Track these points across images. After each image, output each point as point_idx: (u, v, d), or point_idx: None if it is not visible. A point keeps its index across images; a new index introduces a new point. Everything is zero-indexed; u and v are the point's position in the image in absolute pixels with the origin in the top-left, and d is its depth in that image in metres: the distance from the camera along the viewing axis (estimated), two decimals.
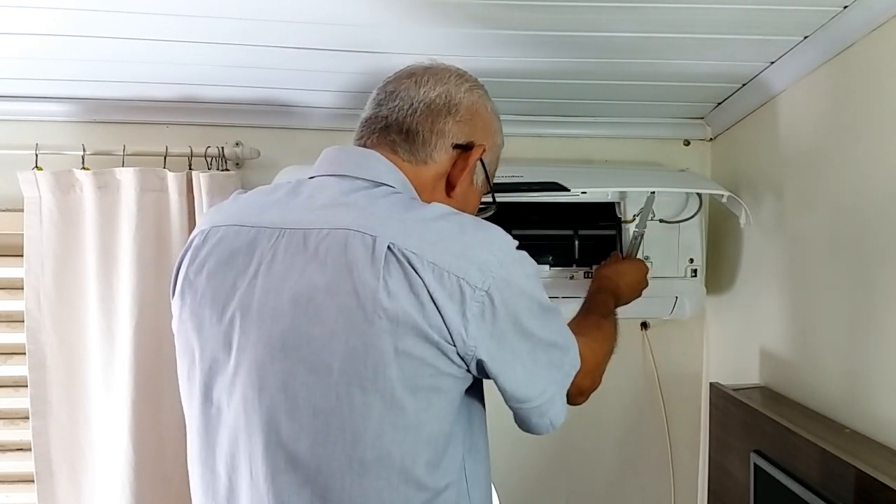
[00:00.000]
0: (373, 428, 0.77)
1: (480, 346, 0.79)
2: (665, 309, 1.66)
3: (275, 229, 0.84)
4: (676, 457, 1.86)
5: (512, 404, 0.88)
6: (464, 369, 0.81)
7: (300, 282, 0.79)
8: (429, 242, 0.78)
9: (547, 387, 0.88)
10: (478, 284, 0.78)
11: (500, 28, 1.24)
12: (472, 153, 0.94)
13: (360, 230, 0.79)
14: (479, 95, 0.97)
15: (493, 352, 0.81)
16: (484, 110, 0.97)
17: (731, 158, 1.72)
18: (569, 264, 1.61)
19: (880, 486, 0.95)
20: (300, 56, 1.36)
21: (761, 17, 1.18)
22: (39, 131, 1.62)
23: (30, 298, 1.59)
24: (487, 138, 0.96)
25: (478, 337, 0.79)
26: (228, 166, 1.66)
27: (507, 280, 0.80)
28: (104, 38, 1.29)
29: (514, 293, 0.81)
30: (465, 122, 0.93)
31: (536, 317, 0.85)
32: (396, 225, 0.80)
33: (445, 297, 0.77)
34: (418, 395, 0.78)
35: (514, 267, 0.82)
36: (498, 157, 1.03)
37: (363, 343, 0.76)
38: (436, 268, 0.77)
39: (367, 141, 0.93)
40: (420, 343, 0.77)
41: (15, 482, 1.77)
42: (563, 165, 1.76)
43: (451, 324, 0.77)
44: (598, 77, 1.49)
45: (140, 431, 1.58)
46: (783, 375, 1.45)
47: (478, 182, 0.98)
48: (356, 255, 0.78)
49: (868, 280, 1.16)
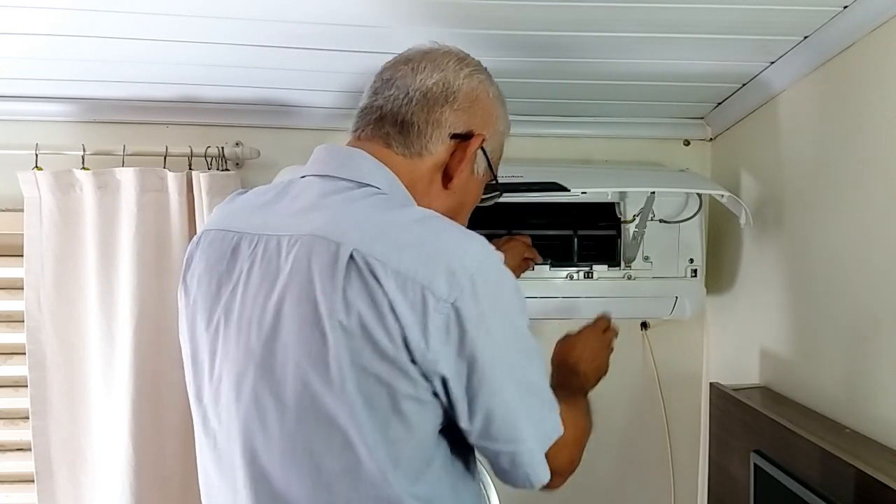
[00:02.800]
0: (337, 441, 0.73)
1: (443, 363, 0.73)
2: (665, 309, 1.66)
3: (255, 235, 0.82)
4: (676, 457, 1.86)
5: (478, 441, 0.79)
6: (429, 391, 0.74)
7: (271, 291, 0.77)
8: (396, 248, 0.73)
9: (524, 435, 0.78)
10: (443, 295, 0.72)
11: (499, 28, 1.24)
12: (471, 143, 0.88)
13: (325, 236, 0.75)
14: (480, 80, 0.92)
15: (460, 371, 0.74)
16: (485, 96, 0.91)
17: (731, 158, 1.72)
18: (569, 264, 1.61)
19: (880, 486, 0.95)
20: (300, 56, 1.36)
21: (761, 17, 1.18)
22: (39, 131, 1.62)
23: (30, 298, 1.59)
24: (488, 126, 0.91)
25: (440, 352, 0.72)
26: (228, 166, 1.66)
27: (478, 294, 0.73)
28: (104, 38, 1.29)
29: (487, 310, 0.74)
30: (463, 111, 0.89)
31: (511, 345, 0.77)
32: (366, 229, 0.75)
33: (407, 308, 0.71)
34: (376, 415, 0.73)
35: (489, 282, 0.75)
36: (502, 144, 0.97)
37: (322, 358, 0.72)
38: (399, 275, 0.72)
39: (362, 133, 0.89)
40: (377, 359, 0.72)
41: (15, 482, 1.77)
42: (563, 165, 1.75)
43: (410, 336, 0.71)
44: (598, 77, 1.49)
45: (140, 431, 1.58)
46: (783, 375, 1.45)
47: (479, 171, 0.92)
48: (318, 264, 0.74)
49: (868, 280, 1.16)
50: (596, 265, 1.61)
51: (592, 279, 1.61)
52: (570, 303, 1.61)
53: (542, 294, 1.60)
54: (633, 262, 1.62)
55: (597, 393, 1.87)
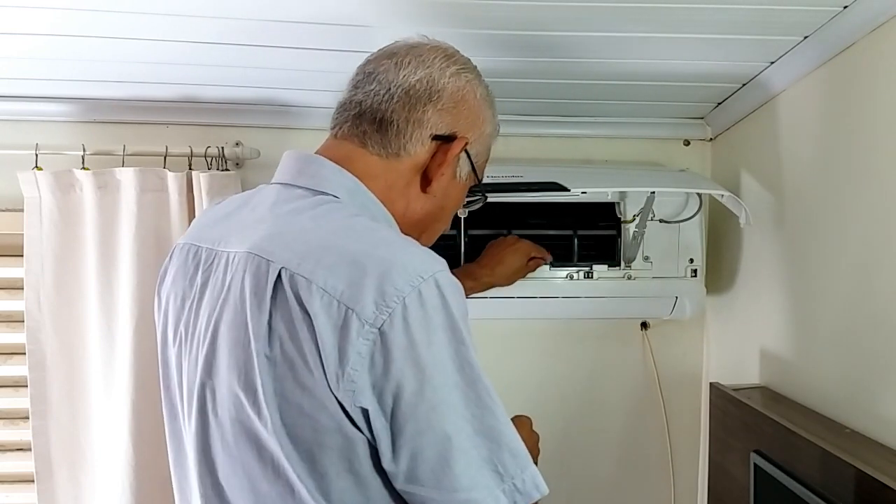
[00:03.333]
0: (270, 471, 0.69)
1: (363, 394, 0.65)
2: (665, 309, 1.67)
3: (212, 250, 0.80)
4: (676, 457, 1.86)
5: (404, 486, 0.68)
6: (352, 424, 0.67)
7: (214, 311, 0.74)
8: (326, 266, 0.67)
9: (466, 483, 0.66)
10: (368, 319, 0.64)
11: (499, 28, 1.24)
12: (454, 146, 0.83)
13: (259, 254, 0.71)
14: (468, 80, 0.86)
15: (383, 404, 0.66)
16: (471, 97, 0.86)
17: (731, 158, 1.72)
18: (569, 264, 1.61)
19: (880, 486, 0.95)
20: (300, 56, 1.36)
21: (761, 17, 1.18)
22: (39, 131, 1.62)
23: (30, 298, 1.59)
24: (473, 128, 0.86)
25: (360, 382, 0.65)
26: (228, 166, 1.66)
27: (409, 320, 0.65)
28: (104, 38, 1.29)
29: (421, 339, 0.65)
30: (447, 111, 0.84)
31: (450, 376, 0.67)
32: (298, 246, 0.70)
33: (329, 332, 0.65)
34: (302, 448, 0.68)
35: (427, 306, 0.66)
36: (489, 147, 0.92)
37: (251, 384, 0.68)
38: (325, 295, 0.66)
39: (339, 131, 0.85)
40: (299, 389, 0.66)
41: (15, 482, 1.77)
42: (563, 165, 1.75)
43: (328, 364, 0.65)
44: (598, 77, 1.48)
45: (140, 431, 1.58)
46: (783, 375, 1.45)
47: (461, 175, 0.87)
48: (250, 284, 0.70)
49: (868, 280, 1.16)
50: (596, 265, 1.61)
51: (592, 279, 1.61)
52: (571, 303, 1.61)
53: (542, 294, 1.60)
54: (633, 262, 1.62)
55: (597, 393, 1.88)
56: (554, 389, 1.83)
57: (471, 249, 1.59)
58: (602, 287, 1.62)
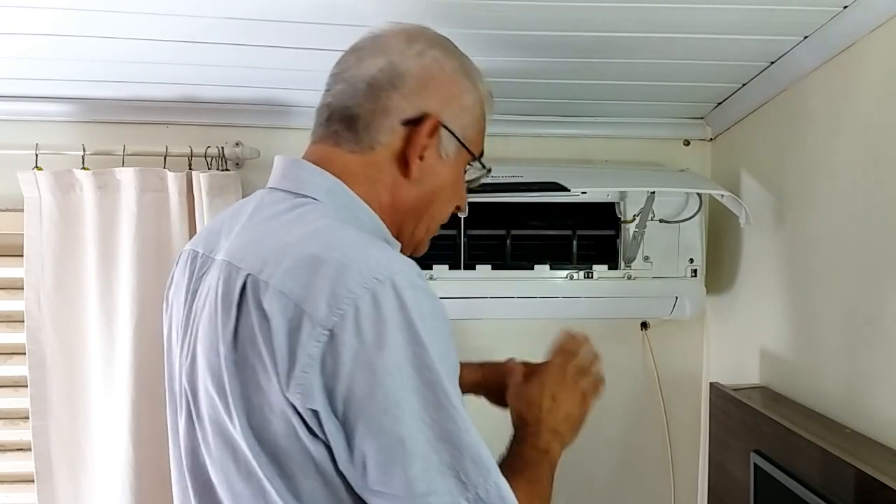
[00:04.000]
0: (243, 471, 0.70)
1: (312, 396, 0.64)
2: (665, 309, 1.67)
3: (206, 257, 0.81)
4: (676, 457, 1.86)
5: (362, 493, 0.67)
6: (306, 429, 0.66)
7: (197, 316, 0.77)
8: (285, 268, 0.67)
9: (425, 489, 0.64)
10: (320, 320, 0.63)
11: (499, 28, 1.24)
12: (423, 128, 0.80)
13: (231, 261, 0.73)
14: (434, 57, 0.83)
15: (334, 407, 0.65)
16: (440, 73, 0.83)
17: (731, 158, 1.72)
18: (568, 264, 1.61)
19: (880, 486, 0.95)
20: (300, 56, 1.36)
21: (761, 17, 1.18)
22: (39, 131, 1.62)
23: (30, 298, 1.59)
24: (448, 103, 0.83)
25: (310, 384, 0.64)
26: (228, 166, 1.66)
27: (361, 322, 0.63)
28: (104, 38, 1.29)
29: (373, 342, 0.64)
30: (414, 94, 0.81)
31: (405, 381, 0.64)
32: (264, 251, 0.71)
33: (282, 332, 0.65)
34: (267, 450, 0.68)
35: (382, 309, 0.64)
36: (477, 117, 0.87)
37: (222, 387, 0.69)
38: (282, 297, 0.66)
39: (315, 136, 0.85)
40: (259, 392, 0.67)
41: (15, 482, 1.77)
42: (563, 165, 1.76)
43: (280, 365, 0.64)
44: (598, 77, 1.49)
45: (140, 431, 1.58)
46: (783, 375, 1.45)
47: (448, 153, 0.84)
48: (222, 291, 0.72)
49: (868, 280, 1.16)
50: (596, 265, 1.61)
51: (592, 279, 1.61)
52: (571, 303, 1.61)
53: (542, 294, 1.60)
54: (632, 262, 1.62)
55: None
56: None
57: (470, 249, 1.59)
58: (602, 287, 1.62)
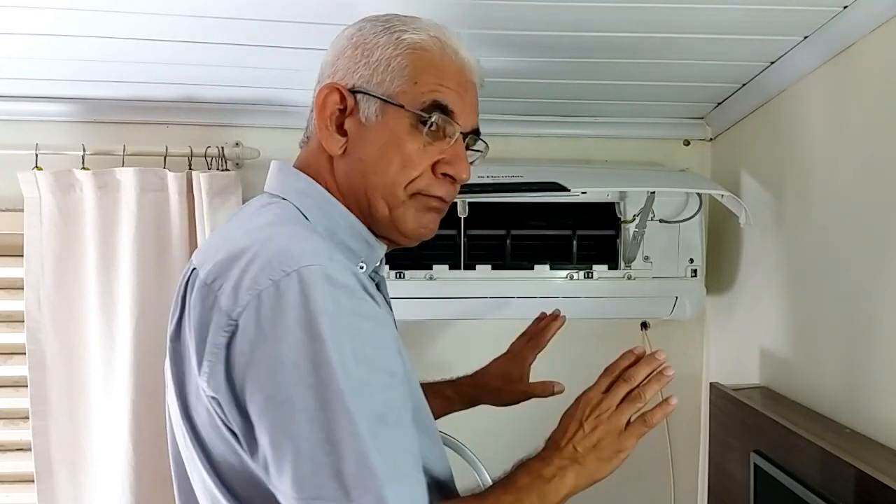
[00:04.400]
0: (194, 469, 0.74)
1: (216, 384, 0.65)
2: (665, 309, 1.67)
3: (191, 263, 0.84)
4: (676, 457, 1.86)
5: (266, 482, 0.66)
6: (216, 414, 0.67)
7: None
8: (214, 262, 0.69)
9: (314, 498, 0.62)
10: (227, 309, 0.64)
11: (499, 28, 1.24)
12: (317, 96, 0.79)
13: (193, 259, 0.75)
14: (355, 30, 0.80)
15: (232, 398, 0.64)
16: (345, 42, 0.80)
17: (731, 158, 1.72)
18: (568, 264, 1.61)
19: (880, 486, 0.95)
20: (300, 56, 1.36)
21: (761, 17, 1.18)
22: (39, 131, 1.62)
23: (30, 298, 1.59)
24: (354, 67, 0.78)
25: (214, 371, 0.64)
26: (228, 166, 1.65)
27: (261, 315, 0.62)
28: (104, 38, 1.29)
29: (270, 336, 0.62)
30: (328, 76, 0.81)
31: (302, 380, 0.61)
32: (211, 248, 0.74)
33: (199, 321, 0.66)
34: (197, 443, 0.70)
35: (284, 302, 0.62)
36: (400, 68, 0.78)
37: (169, 376, 0.74)
38: (203, 287, 0.67)
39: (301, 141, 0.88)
40: (189, 377, 0.68)
41: (15, 482, 1.77)
42: (563, 165, 1.76)
43: (197, 351, 0.66)
44: (598, 77, 1.49)
45: (140, 431, 1.58)
46: (783, 375, 1.45)
47: (369, 116, 0.77)
48: (180, 290, 0.75)
49: (868, 280, 1.16)
50: (596, 265, 1.61)
51: (592, 279, 1.61)
52: (571, 303, 1.61)
53: (542, 294, 1.60)
54: (632, 262, 1.62)
55: None
56: None
57: (470, 249, 1.58)
58: (602, 287, 1.62)
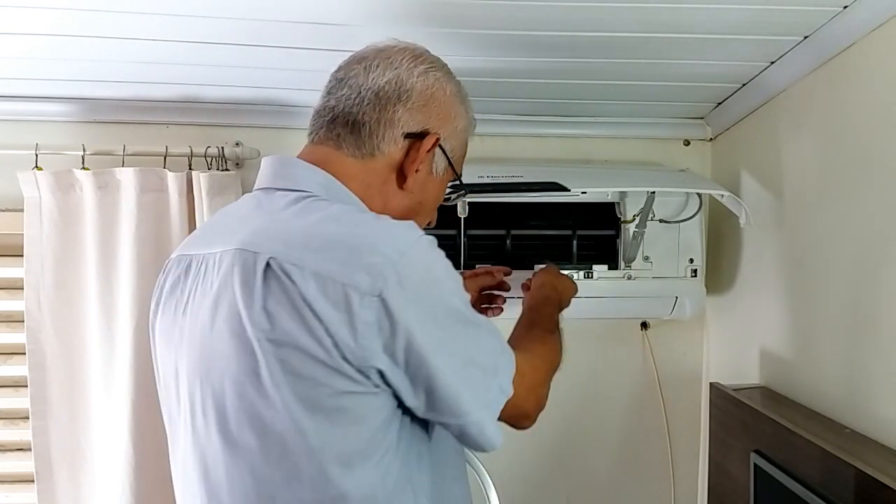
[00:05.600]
0: (276, 450, 0.74)
1: (376, 357, 0.72)
2: (665, 309, 1.67)
3: (199, 255, 0.83)
4: (676, 457, 1.86)
5: (426, 415, 0.79)
6: (369, 384, 0.73)
7: (206, 308, 0.78)
8: (313, 251, 0.73)
9: (467, 409, 0.77)
10: (366, 290, 0.71)
11: (499, 28, 1.24)
12: (425, 142, 0.86)
13: (246, 248, 0.76)
14: (437, 78, 0.89)
15: (396, 361, 0.73)
16: (441, 94, 0.89)
17: (731, 158, 1.72)
18: (568, 264, 1.61)
19: (880, 486, 0.95)
20: (300, 56, 1.36)
21: (761, 17, 1.18)
22: (39, 131, 1.62)
23: (30, 298, 1.59)
24: (445, 124, 0.89)
25: (371, 347, 0.71)
26: (228, 166, 1.66)
27: (404, 283, 0.72)
28: (104, 38, 1.29)
29: (416, 296, 0.73)
30: (417, 109, 0.86)
31: (445, 328, 0.76)
32: (284, 236, 0.75)
33: (330, 309, 0.70)
34: (317, 416, 0.73)
35: (416, 267, 0.74)
36: (464, 142, 0.94)
37: (253, 369, 0.73)
38: (318, 277, 0.71)
39: (315, 137, 0.89)
40: (308, 362, 0.71)
41: (15, 482, 1.77)
42: (563, 165, 1.76)
43: (337, 336, 0.71)
44: (598, 77, 1.49)
45: (140, 431, 1.58)
46: (783, 375, 1.45)
47: (438, 171, 0.90)
48: (240, 277, 0.74)
49: (868, 280, 1.16)
50: (596, 265, 1.61)
51: (592, 279, 1.61)
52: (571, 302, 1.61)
53: None
54: (633, 262, 1.62)
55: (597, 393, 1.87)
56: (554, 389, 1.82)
57: (470, 249, 1.59)
58: (602, 287, 1.62)
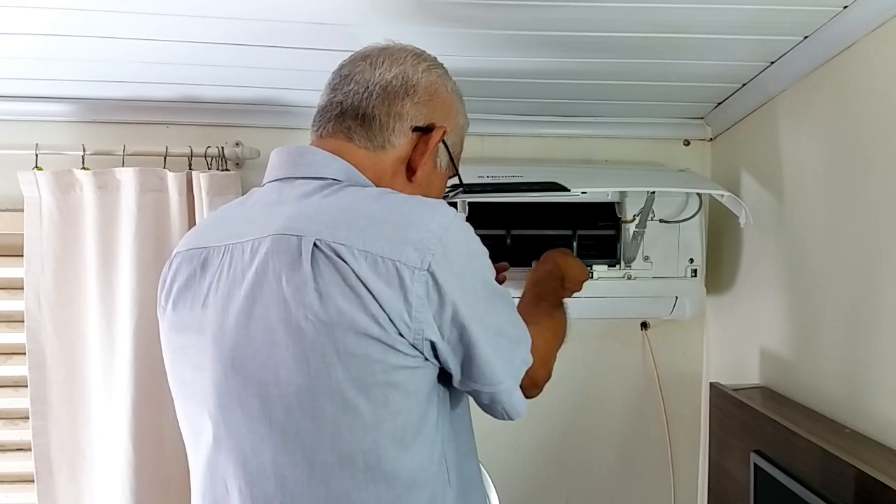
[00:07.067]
0: (328, 431, 0.75)
1: (428, 329, 0.75)
2: (665, 309, 1.67)
3: (221, 246, 0.83)
4: (676, 457, 1.86)
5: (460, 385, 0.83)
6: (420, 358, 0.77)
7: (240, 297, 0.78)
8: (359, 230, 0.75)
9: (500, 377, 0.83)
10: (416, 265, 0.74)
11: (499, 28, 1.24)
12: (433, 135, 0.90)
13: (286, 233, 0.76)
14: (439, 75, 0.93)
15: (444, 332, 0.77)
16: (444, 90, 0.93)
17: (731, 158, 1.72)
18: None
19: (880, 486, 0.95)
20: (300, 56, 1.36)
21: (761, 17, 1.18)
22: (39, 131, 1.62)
23: (30, 298, 1.59)
24: (448, 119, 0.92)
25: (424, 320, 0.75)
26: (228, 166, 1.66)
27: (449, 256, 0.76)
28: (104, 38, 1.29)
29: (459, 269, 0.77)
30: (423, 104, 0.90)
31: (482, 299, 0.80)
32: (325, 219, 0.77)
33: (383, 285, 0.73)
34: (371, 394, 0.75)
35: (458, 241, 0.78)
36: (462, 139, 0.98)
37: (302, 351, 0.74)
38: (368, 255, 0.74)
39: (324, 131, 0.90)
40: (362, 340, 0.73)
41: (15, 482, 1.77)
42: (563, 165, 1.76)
43: (391, 311, 0.73)
44: (598, 77, 1.49)
45: (140, 431, 1.58)
46: (783, 375, 1.45)
47: (441, 165, 0.94)
48: (283, 261, 0.75)
49: (867, 280, 1.16)
50: (596, 265, 1.61)
51: (592, 279, 1.61)
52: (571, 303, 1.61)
53: None
54: (633, 262, 1.62)
55: (597, 393, 1.87)
56: (554, 389, 1.81)
57: None
58: (602, 287, 1.62)
